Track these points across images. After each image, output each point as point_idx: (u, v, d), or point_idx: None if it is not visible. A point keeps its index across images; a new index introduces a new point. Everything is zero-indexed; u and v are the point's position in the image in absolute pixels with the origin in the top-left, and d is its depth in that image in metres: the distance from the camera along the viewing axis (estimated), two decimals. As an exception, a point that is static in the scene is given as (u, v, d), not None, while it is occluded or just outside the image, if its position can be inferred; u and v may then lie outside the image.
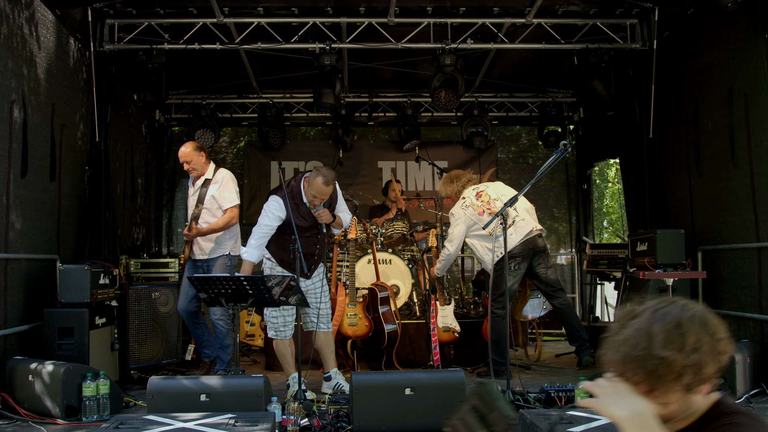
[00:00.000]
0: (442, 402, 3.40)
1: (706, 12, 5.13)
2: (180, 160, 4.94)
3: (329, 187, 4.18)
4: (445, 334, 5.46)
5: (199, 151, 4.90)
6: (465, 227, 5.10)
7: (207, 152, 5.00)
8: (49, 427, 3.63)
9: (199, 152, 4.90)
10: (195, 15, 5.91)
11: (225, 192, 4.88)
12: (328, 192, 4.20)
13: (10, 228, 4.26)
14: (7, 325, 4.21)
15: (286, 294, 3.75)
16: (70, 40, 5.31)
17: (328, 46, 6.08)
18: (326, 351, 4.60)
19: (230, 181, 4.94)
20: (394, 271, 6.22)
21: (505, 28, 6.13)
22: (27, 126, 4.48)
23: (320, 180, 4.14)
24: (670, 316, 1.36)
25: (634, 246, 5.45)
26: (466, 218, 5.10)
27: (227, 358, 4.87)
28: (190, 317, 4.94)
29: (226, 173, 4.97)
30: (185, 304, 4.93)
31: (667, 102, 5.78)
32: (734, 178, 4.78)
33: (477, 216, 5.05)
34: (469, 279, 8.59)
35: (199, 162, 4.90)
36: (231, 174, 5.01)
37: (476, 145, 8.39)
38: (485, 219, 4.88)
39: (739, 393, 3.96)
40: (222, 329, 4.87)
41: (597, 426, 2.81)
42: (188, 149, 4.89)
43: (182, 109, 8.16)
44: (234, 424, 2.85)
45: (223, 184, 4.88)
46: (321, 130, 9.19)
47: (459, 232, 5.12)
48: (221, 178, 4.90)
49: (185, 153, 4.89)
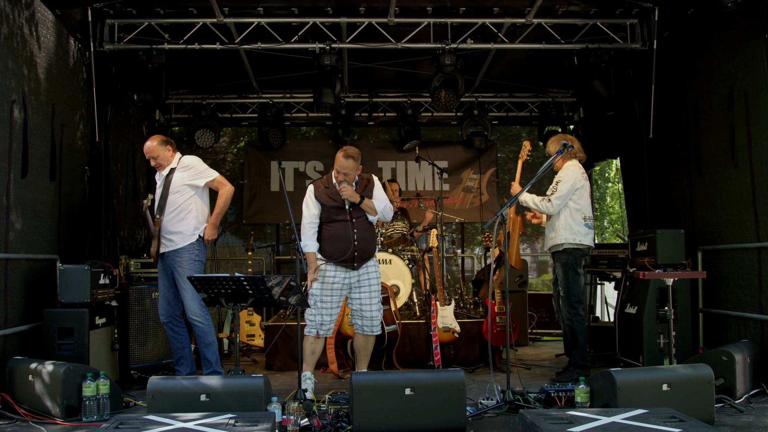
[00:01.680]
0: (442, 402, 3.40)
1: (707, 12, 5.13)
2: (146, 156, 4.72)
3: (349, 161, 4.27)
4: (445, 335, 5.46)
5: (165, 144, 4.70)
6: (571, 188, 4.74)
7: (174, 146, 4.79)
8: (49, 427, 3.63)
9: (165, 146, 4.69)
10: (195, 15, 5.91)
11: (201, 168, 4.71)
12: (349, 166, 4.27)
13: (11, 228, 4.26)
14: (8, 325, 4.21)
15: (286, 294, 3.75)
16: (70, 40, 5.32)
17: (328, 46, 6.08)
18: (361, 355, 4.59)
19: (198, 159, 4.76)
20: (394, 271, 6.22)
21: (505, 28, 6.13)
22: (27, 126, 4.49)
23: (341, 154, 4.30)
24: None
25: (634, 246, 5.45)
26: (579, 180, 4.75)
27: (214, 357, 4.63)
28: (174, 323, 4.72)
29: (190, 156, 4.78)
30: (170, 309, 4.70)
31: (667, 102, 5.78)
32: (734, 178, 4.78)
33: (586, 189, 4.82)
34: (469, 279, 8.60)
35: (166, 156, 4.69)
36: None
37: (476, 145, 8.40)
38: (586, 200, 4.79)
39: (739, 393, 3.95)
40: (202, 326, 4.58)
41: (597, 426, 2.80)
42: (153, 143, 4.67)
43: (182, 109, 8.17)
44: (234, 424, 2.85)
45: (194, 166, 4.70)
46: (321, 130, 9.19)
47: (568, 189, 4.72)
48: (188, 161, 4.70)
49: (151, 147, 4.66)
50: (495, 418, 3.76)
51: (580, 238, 4.74)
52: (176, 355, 4.77)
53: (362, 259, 4.43)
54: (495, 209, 8.70)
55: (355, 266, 4.41)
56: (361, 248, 4.40)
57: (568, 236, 4.75)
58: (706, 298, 5.19)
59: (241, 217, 8.75)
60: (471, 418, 3.67)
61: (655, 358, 4.83)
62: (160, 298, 4.75)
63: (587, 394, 3.64)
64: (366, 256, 4.45)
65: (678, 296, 4.93)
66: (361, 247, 4.40)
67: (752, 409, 3.81)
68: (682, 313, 4.94)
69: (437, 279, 5.67)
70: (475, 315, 6.23)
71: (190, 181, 4.69)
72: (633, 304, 5.24)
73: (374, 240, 4.57)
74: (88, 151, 5.63)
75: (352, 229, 4.38)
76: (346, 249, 4.34)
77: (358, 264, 4.41)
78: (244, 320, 6.58)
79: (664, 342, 4.77)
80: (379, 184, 4.59)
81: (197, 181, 4.70)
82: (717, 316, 5.05)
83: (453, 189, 8.96)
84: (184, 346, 4.76)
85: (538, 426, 2.84)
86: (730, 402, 3.85)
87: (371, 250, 4.50)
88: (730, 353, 3.99)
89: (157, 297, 5.00)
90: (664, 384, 3.43)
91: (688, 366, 3.64)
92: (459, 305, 6.71)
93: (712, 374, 3.51)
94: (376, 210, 4.42)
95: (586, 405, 3.61)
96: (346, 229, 4.38)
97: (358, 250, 4.38)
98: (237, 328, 4.23)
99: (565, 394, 3.89)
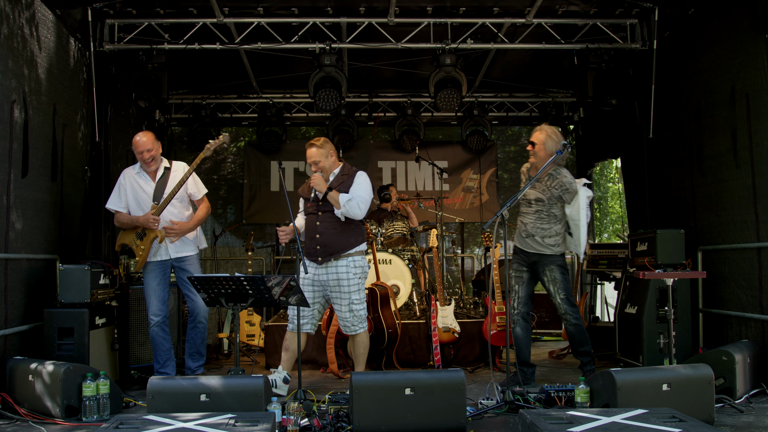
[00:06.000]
0: (442, 402, 3.39)
1: (708, 12, 5.13)
2: (138, 149, 4.56)
3: (312, 149, 4.34)
4: (445, 335, 5.46)
5: (157, 140, 4.70)
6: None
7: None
8: (49, 427, 3.62)
9: (158, 141, 4.69)
10: (195, 15, 5.91)
11: (198, 181, 4.83)
12: (313, 153, 4.32)
13: (11, 228, 4.26)
14: (8, 325, 4.21)
15: (286, 294, 3.75)
16: (70, 40, 5.32)
17: (328, 46, 6.09)
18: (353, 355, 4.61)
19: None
20: (394, 271, 6.22)
21: (505, 28, 6.13)
22: (28, 126, 4.49)
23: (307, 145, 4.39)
24: None
25: (634, 246, 5.45)
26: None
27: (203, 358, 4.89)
28: (165, 324, 4.69)
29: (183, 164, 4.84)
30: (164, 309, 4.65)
31: (669, 102, 5.78)
32: (736, 178, 4.78)
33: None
34: (469, 279, 8.60)
35: (158, 152, 4.66)
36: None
37: (476, 145, 8.39)
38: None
39: (739, 393, 3.95)
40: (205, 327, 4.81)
41: (597, 426, 2.80)
42: (148, 137, 4.60)
43: (182, 109, 8.17)
44: (234, 424, 2.85)
45: (196, 177, 4.80)
46: (321, 130, 9.19)
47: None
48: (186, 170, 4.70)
49: (147, 141, 4.57)
50: (495, 418, 3.76)
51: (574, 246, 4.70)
52: (164, 357, 4.70)
53: (326, 254, 4.29)
54: (495, 209, 8.70)
55: (319, 260, 4.33)
56: (323, 242, 4.29)
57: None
58: (707, 298, 5.19)
59: (241, 217, 8.75)
60: (471, 418, 3.67)
61: (655, 358, 4.83)
62: (153, 298, 4.64)
63: (587, 394, 3.64)
64: (331, 252, 4.28)
65: (678, 296, 4.93)
66: (323, 241, 4.29)
67: (752, 409, 3.81)
68: (682, 313, 4.94)
69: (437, 279, 5.67)
70: (475, 315, 6.23)
71: (192, 190, 4.78)
72: (633, 304, 5.24)
73: (344, 236, 4.32)
74: (88, 151, 5.64)
75: (315, 222, 4.35)
76: (310, 242, 4.35)
77: (322, 259, 4.31)
78: (244, 320, 6.58)
79: (664, 342, 4.77)
80: (362, 180, 4.39)
81: (197, 194, 4.82)
82: (717, 316, 5.05)
83: (453, 189, 8.96)
84: (170, 347, 4.77)
85: (538, 426, 2.84)
86: (730, 402, 3.85)
87: (338, 247, 4.30)
88: (730, 353, 3.98)
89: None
90: (664, 384, 3.43)
91: (688, 366, 3.64)
92: (459, 305, 6.71)
93: (712, 374, 3.51)
94: (339, 202, 4.23)
95: (586, 405, 3.61)
96: (312, 221, 4.38)
97: (319, 244, 4.30)
98: (237, 328, 4.24)
99: (565, 394, 3.89)
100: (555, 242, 4.60)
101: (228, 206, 8.95)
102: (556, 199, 4.53)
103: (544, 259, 4.63)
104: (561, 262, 4.66)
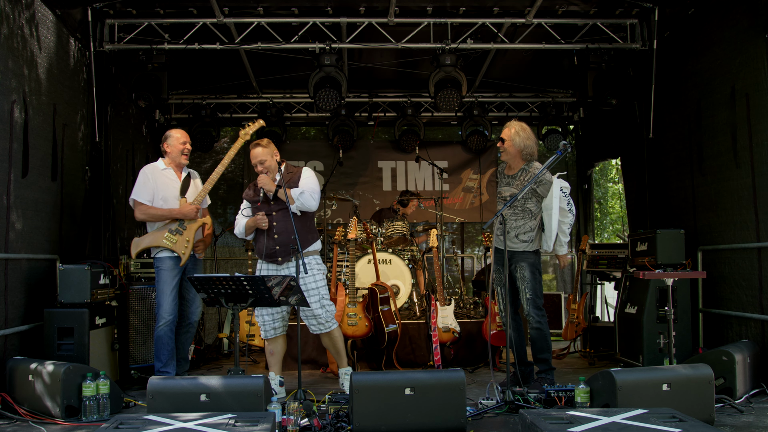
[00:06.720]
0: (442, 402, 3.40)
1: (708, 12, 5.13)
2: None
3: (257, 149, 4.33)
4: (445, 335, 5.46)
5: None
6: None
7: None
8: (49, 427, 3.62)
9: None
10: (195, 15, 5.91)
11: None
12: (258, 153, 4.32)
13: (11, 228, 4.26)
14: (8, 325, 4.21)
15: (286, 294, 3.75)
16: (70, 40, 5.32)
17: (328, 46, 6.09)
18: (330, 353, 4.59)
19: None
20: (394, 271, 6.22)
21: (505, 28, 6.13)
22: (28, 126, 4.49)
23: (251, 146, 4.40)
24: None
25: (634, 246, 5.45)
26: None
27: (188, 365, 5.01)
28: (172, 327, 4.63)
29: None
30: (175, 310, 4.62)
31: (669, 102, 5.78)
32: (736, 178, 4.78)
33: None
34: (469, 279, 8.60)
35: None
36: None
37: (476, 145, 8.39)
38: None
39: (739, 393, 3.95)
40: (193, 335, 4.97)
41: (597, 426, 2.80)
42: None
43: (182, 109, 8.16)
44: (234, 424, 2.85)
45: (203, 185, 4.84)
46: (321, 130, 9.19)
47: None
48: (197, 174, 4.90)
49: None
50: (495, 418, 3.76)
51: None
52: (167, 357, 4.62)
53: (286, 253, 4.29)
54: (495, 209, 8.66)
55: (279, 261, 4.32)
56: (282, 241, 4.28)
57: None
58: (707, 298, 5.19)
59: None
60: (471, 418, 3.67)
61: (655, 358, 4.82)
62: (168, 296, 4.56)
63: (587, 394, 3.64)
64: (290, 251, 4.25)
65: (678, 296, 4.93)
66: (281, 241, 4.28)
67: (752, 409, 3.81)
68: (682, 313, 4.94)
69: (437, 279, 5.67)
70: (475, 315, 6.22)
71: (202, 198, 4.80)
72: (633, 304, 5.24)
73: (302, 234, 4.26)
74: (88, 151, 5.63)
75: (272, 222, 4.33)
76: (266, 244, 4.31)
77: (282, 258, 4.31)
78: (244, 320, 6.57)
79: (664, 342, 4.76)
80: (309, 174, 4.41)
81: (207, 201, 4.88)
82: (717, 316, 5.05)
83: (453, 189, 8.96)
84: (174, 348, 4.74)
85: (538, 426, 2.84)
86: (730, 402, 3.85)
87: (291, 245, 4.24)
88: (730, 353, 3.98)
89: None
90: (664, 384, 3.43)
91: (688, 366, 3.64)
92: (459, 305, 6.70)
93: (712, 374, 3.51)
94: (293, 197, 4.24)
95: (586, 405, 3.61)
96: (268, 222, 4.34)
97: (279, 243, 4.29)
98: (237, 328, 4.25)
99: (565, 394, 3.89)
100: (529, 238, 4.50)
101: (228, 206, 8.94)
102: (530, 192, 4.45)
103: (516, 256, 4.52)
104: (533, 260, 4.51)
